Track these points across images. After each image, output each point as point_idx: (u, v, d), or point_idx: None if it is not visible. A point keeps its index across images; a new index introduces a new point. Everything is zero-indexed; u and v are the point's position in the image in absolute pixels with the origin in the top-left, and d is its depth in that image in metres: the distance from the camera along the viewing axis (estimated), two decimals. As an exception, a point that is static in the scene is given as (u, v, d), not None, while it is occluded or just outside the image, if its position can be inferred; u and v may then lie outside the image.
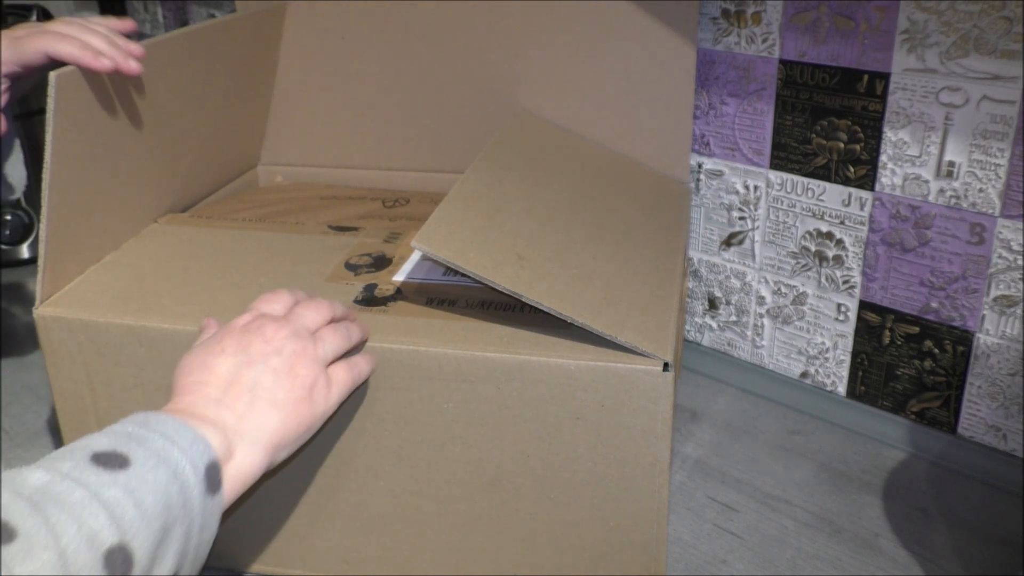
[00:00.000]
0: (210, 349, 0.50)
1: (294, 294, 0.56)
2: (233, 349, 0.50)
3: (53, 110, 0.58)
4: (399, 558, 0.61)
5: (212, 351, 0.50)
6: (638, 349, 0.53)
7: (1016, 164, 0.64)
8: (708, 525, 0.68)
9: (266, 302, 0.54)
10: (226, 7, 1.13)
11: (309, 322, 0.53)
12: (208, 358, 0.50)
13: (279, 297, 0.55)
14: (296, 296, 0.56)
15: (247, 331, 0.51)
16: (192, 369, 0.50)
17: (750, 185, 0.79)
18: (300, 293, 0.56)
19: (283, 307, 0.54)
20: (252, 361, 0.49)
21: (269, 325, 0.51)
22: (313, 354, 0.51)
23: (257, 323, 0.51)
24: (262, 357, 0.49)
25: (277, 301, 0.54)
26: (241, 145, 0.88)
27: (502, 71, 0.82)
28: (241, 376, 0.49)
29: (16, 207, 1.07)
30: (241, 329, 0.51)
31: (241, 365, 0.49)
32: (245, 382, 0.49)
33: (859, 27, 0.68)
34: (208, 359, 0.50)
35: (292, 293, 0.55)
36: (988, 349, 0.69)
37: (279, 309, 0.54)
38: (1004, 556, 0.64)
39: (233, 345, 0.50)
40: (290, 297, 0.55)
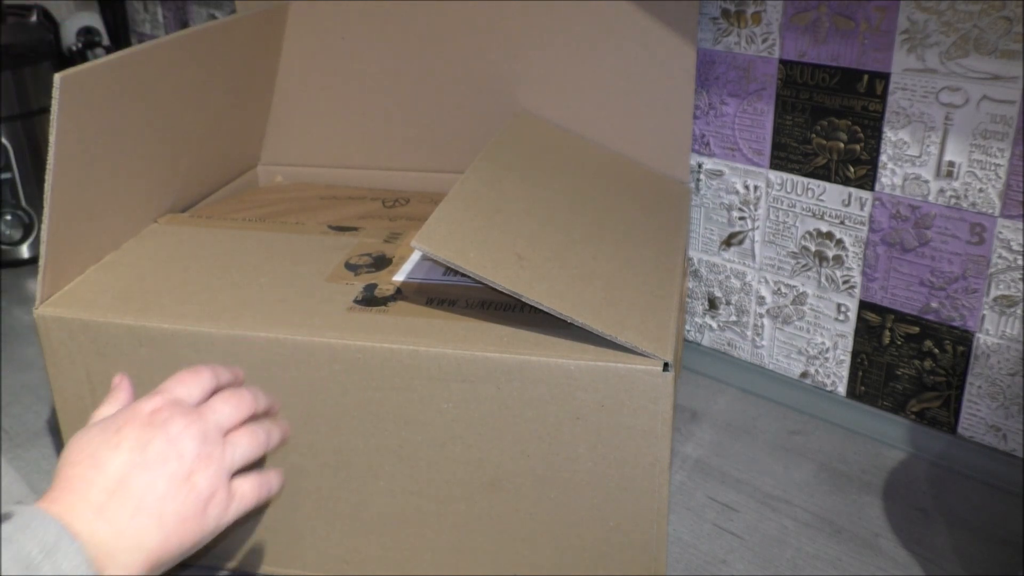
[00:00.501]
0: (106, 438, 0.45)
1: (216, 375, 0.50)
2: (131, 444, 0.44)
3: (57, 111, 0.58)
4: (399, 558, 0.61)
5: (108, 441, 0.44)
6: (638, 349, 0.53)
7: (1016, 164, 0.64)
8: (708, 525, 0.68)
9: (182, 383, 0.48)
10: (226, 7, 1.13)
11: (224, 419, 0.48)
12: (101, 449, 0.44)
13: (198, 379, 0.49)
14: (218, 378, 0.50)
15: (151, 424, 0.45)
16: (82, 457, 0.44)
17: (750, 185, 0.79)
18: (224, 374, 0.51)
19: (200, 392, 0.49)
20: (148, 463, 0.44)
21: (177, 420, 0.46)
22: (219, 462, 0.46)
23: (165, 414, 0.46)
24: (160, 460, 0.44)
25: (195, 384, 0.49)
26: (241, 145, 0.88)
27: (502, 71, 0.82)
28: (131, 480, 0.43)
29: (16, 207, 1.07)
30: (146, 419, 0.45)
31: (135, 466, 0.44)
32: (134, 488, 0.43)
33: (859, 27, 0.68)
34: (101, 451, 0.44)
35: (214, 374, 0.50)
36: (988, 349, 0.69)
37: (195, 395, 0.48)
38: (1004, 556, 0.64)
39: (132, 439, 0.44)
40: (210, 380, 0.49)
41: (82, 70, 0.60)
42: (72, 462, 0.44)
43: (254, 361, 0.57)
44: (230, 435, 0.48)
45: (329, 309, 0.59)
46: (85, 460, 0.44)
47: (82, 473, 0.43)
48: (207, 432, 0.46)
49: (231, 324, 0.58)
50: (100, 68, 0.62)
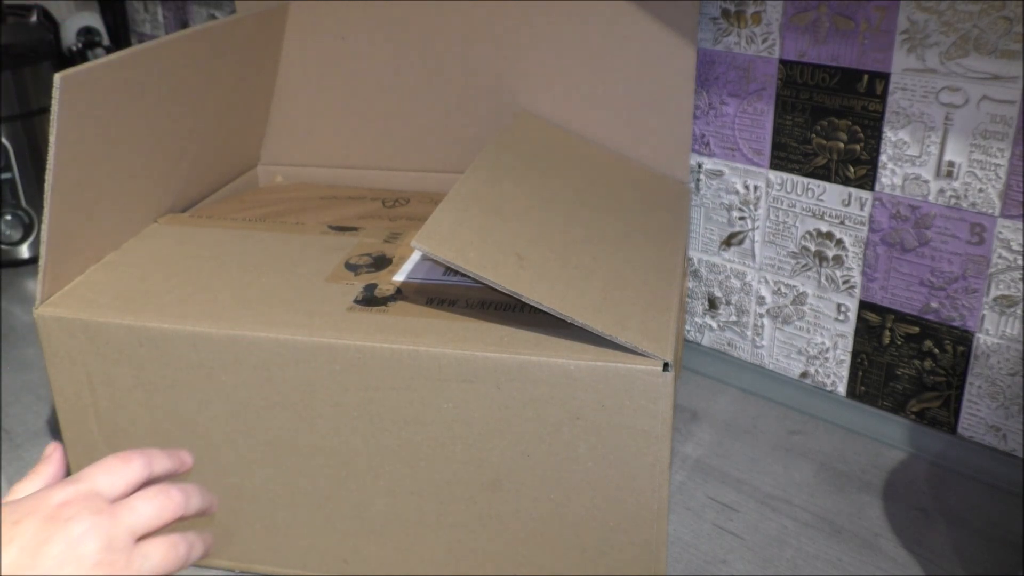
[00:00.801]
0: (3, 529, 0.39)
1: (149, 464, 0.44)
2: (25, 541, 0.39)
3: (57, 111, 0.58)
4: (399, 558, 0.61)
5: (3, 533, 0.39)
6: (638, 349, 0.53)
7: (1016, 164, 0.64)
8: (708, 525, 0.68)
9: (106, 472, 0.42)
10: (226, 7, 1.13)
11: (140, 522, 0.42)
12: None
13: (126, 468, 0.43)
14: (152, 467, 0.44)
15: (54, 519, 0.40)
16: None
17: (750, 185, 0.79)
18: (162, 463, 0.45)
19: (124, 484, 0.43)
20: (37, 567, 0.38)
21: (83, 519, 0.40)
22: (124, 572, 0.40)
23: (72, 509, 0.40)
24: (54, 565, 0.39)
25: (121, 474, 0.43)
26: (241, 145, 0.88)
27: (502, 71, 0.82)
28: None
29: (16, 207, 1.07)
30: (50, 513, 0.40)
31: (22, 569, 0.38)
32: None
33: (859, 27, 0.68)
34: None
35: (147, 463, 0.44)
36: (988, 349, 0.69)
37: (118, 487, 0.42)
38: (1004, 556, 0.64)
39: (28, 535, 0.39)
40: (141, 470, 0.43)
41: (82, 70, 0.60)
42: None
43: (254, 361, 0.57)
44: (143, 543, 0.42)
45: (329, 309, 0.59)
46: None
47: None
48: (114, 537, 0.40)
49: (231, 324, 0.58)
50: (100, 68, 0.62)
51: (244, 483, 0.61)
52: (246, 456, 0.60)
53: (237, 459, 0.61)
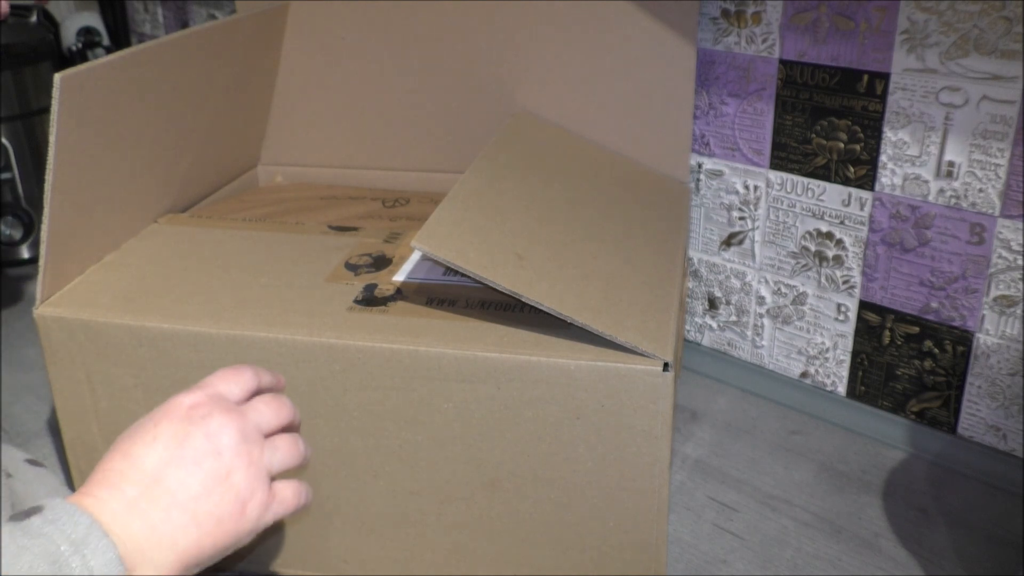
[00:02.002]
0: (142, 433, 0.43)
1: (258, 376, 0.47)
2: (167, 439, 0.42)
3: (57, 111, 0.58)
4: (399, 558, 0.61)
5: (144, 436, 0.43)
6: (638, 349, 0.53)
7: (1016, 164, 0.64)
8: (708, 525, 0.68)
9: (224, 380, 0.46)
10: (226, 7, 1.13)
11: (264, 421, 0.45)
12: (137, 444, 0.42)
13: (240, 377, 0.46)
14: (259, 378, 0.48)
15: (190, 419, 0.43)
16: (116, 455, 0.42)
17: (750, 185, 0.79)
18: (266, 376, 0.48)
19: (241, 391, 0.46)
20: (184, 459, 0.42)
21: (216, 416, 0.43)
22: (258, 463, 0.44)
23: (204, 409, 0.44)
24: (197, 457, 0.42)
25: (237, 382, 0.46)
26: (241, 145, 0.88)
27: (502, 71, 0.82)
28: (166, 476, 0.42)
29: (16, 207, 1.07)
30: (184, 414, 0.43)
31: (170, 462, 0.42)
32: (169, 485, 0.41)
33: (859, 27, 0.68)
34: (136, 446, 0.42)
35: (256, 375, 0.47)
36: (988, 349, 0.69)
37: (236, 393, 0.46)
38: (1004, 556, 0.64)
39: (168, 434, 0.42)
40: (252, 379, 0.47)
41: (82, 70, 0.60)
42: (110, 456, 0.42)
43: (254, 361, 0.57)
44: (270, 439, 0.45)
45: (329, 309, 0.59)
46: (120, 455, 0.42)
47: (117, 467, 0.41)
48: (247, 431, 0.44)
49: (231, 324, 0.58)
50: (100, 68, 0.62)
51: (244, 483, 0.61)
52: (246, 456, 0.60)
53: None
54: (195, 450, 0.42)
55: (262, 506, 0.44)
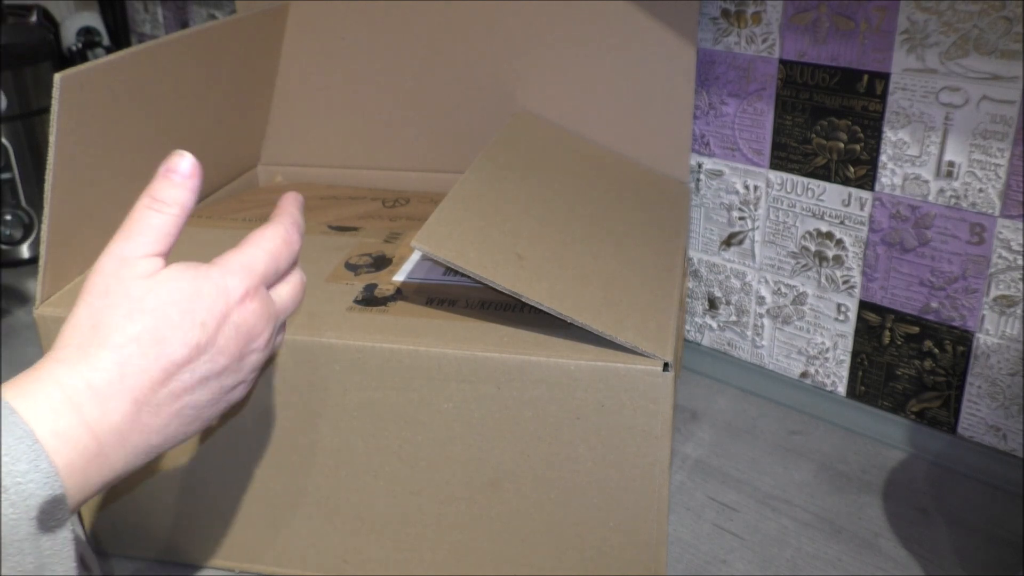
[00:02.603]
0: (188, 322, 0.39)
1: (300, 238, 0.46)
2: (206, 345, 0.40)
3: (57, 111, 0.58)
4: (399, 558, 0.61)
5: (187, 328, 0.39)
6: (638, 349, 0.53)
7: (1016, 164, 0.64)
8: (708, 525, 0.68)
9: (277, 259, 0.44)
10: (226, 7, 1.13)
11: (289, 310, 0.46)
12: (177, 332, 0.39)
13: (291, 253, 0.45)
14: (294, 255, 0.46)
15: (239, 329, 0.41)
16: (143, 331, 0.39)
17: (750, 185, 0.79)
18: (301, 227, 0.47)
19: (286, 268, 0.45)
20: (211, 376, 0.41)
21: (261, 337, 0.42)
22: (259, 375, 0.44)
23: (252, 320, 0.42)
24: (226, 378, 0.41)
25: (287, 260, 0.45)
26: (241, 145, 0.88)
27: (502, 71, 0.82)
28: (186, 391, 0.40)
29: (16, 207, 1.07)
30: (236, 320, 0.41)
31: (199, 378, 0.40)
32: (183, 399, 0.40)
33: (859, 27, 0.68)
34: (176, 334, 0.39)
35: (300, 237, 0.46)
36: (988, 349, 0.69)
37: (280, 272, 0.45)
38: (1004, 556, 0.64)
39: (209, 337, 0.40)
40: (297, 250, 0.46)
41: (82, 70, 0.60)
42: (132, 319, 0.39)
43: (254, 361, 0.57)
44: (275, 292, 0.45)
45: (329, 309, 0.59)
46: (148, 340, 0.39)
47: (141, 352, 0.38)
48: (274, 346, 0.44)
49: (231, 324, 0.58)
50: (100, 68, 0.62)
51: (244, 483, 0.61)
52: (245, 456, 0.60)
53: (236, 459, 0.61)
54: (231, 372, 0.41)
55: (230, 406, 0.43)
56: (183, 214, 0.42)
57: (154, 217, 0.42)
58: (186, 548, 0.65)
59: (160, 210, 0.42)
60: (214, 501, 0.62)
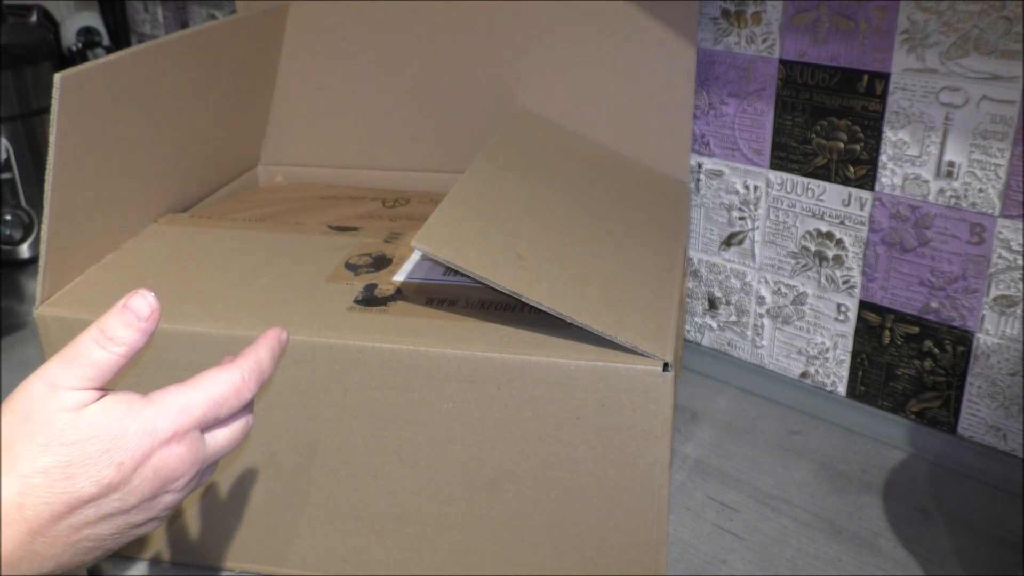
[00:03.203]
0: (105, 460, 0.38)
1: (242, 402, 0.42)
2: (118, 484, 0.38)
3: (57, 111, 0.58)
4: (399, 558, 0.61)
5: (102, 467, 0.38)
6: (638, 349, 0.53)
7: (1016, 164, 0.64)
8: (708, 525, 0.68)
9: (217, 405, 0.41)
10: (226, 7, 1.13)
11: (222, 452, 0.43)
12: (91, 470, 0.38)
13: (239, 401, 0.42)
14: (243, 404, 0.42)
15: (158, 473, 0.39)
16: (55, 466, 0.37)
17: (750, 185, 0.79)
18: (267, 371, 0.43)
19: (228, 415, 0.42)
20: (117, 513, 0.39)
21: (183, 479, 0.40)
22: (169, 515, 0.42)
23: (176, 463, 0.40)
24: (134, 515, 0.39)
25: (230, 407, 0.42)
26: (241, 145, 0.88)
27: (502, 71, 0.82)
28: (87, 524, 0.38)
29: (16, 207, 1.07)
30: (156, 462, 0.39)
31: (104, 514, 0.38)
32: (83, 532, 0.38)
33: (859, 27, 0.68)
34: (88, 471, 0.38)
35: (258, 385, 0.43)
36: (988, 349, 0.69)
37: (221, 417, 0.42)
38: (1004, 556, 0.64)
39: (123, 478, 0.38)
40: (249, 400, 0.43)
41: (82, 70, 0.60)
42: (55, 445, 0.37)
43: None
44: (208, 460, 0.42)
45: (329, 309, 0.59)
46: (59, 470, 0.37)
47: (44, 484, 0.37)
48: (193, 485, 0.42)
49: (231, 324, 0.58)
50: (100, 68, 0.62)
51: (244, 483, 0.61)
52: (246, 456, 0.60)
53: (236, 459, 0.61)
54: (140, 511, 0.40)
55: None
56: (129, 354, 0.40)
57: (97, 351, 0.40)
58: (186, 549, 0.65)
59: (105, 347, 0.40)
60: (214, 502, 0.62)
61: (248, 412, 0.44)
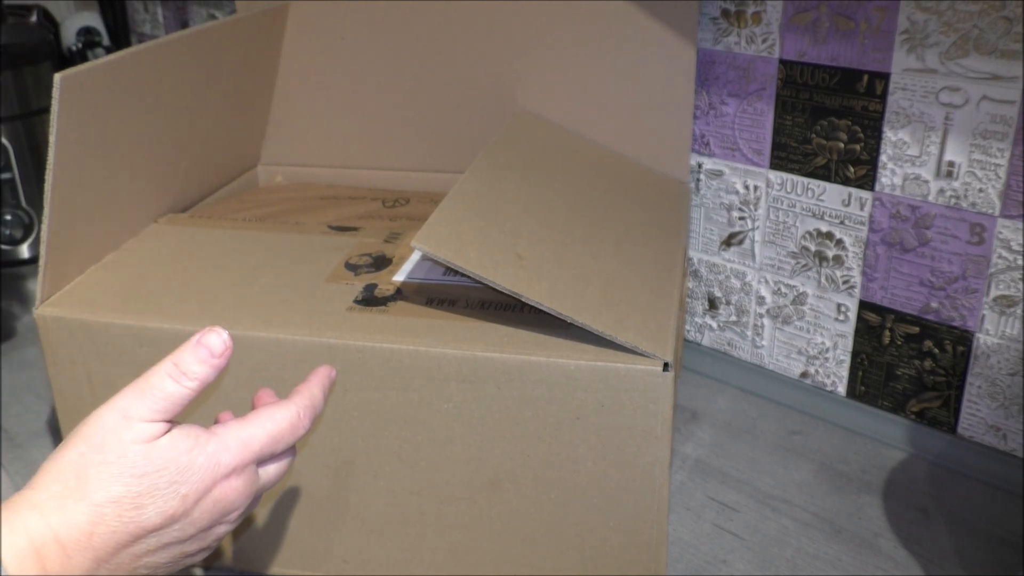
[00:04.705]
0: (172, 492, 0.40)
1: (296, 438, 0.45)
2: (181, 516, 0.40)
3: (57, 111, 0.58)
4: (399, 558, 0.61)
5: (168, 498, 0.40)
6: (638, 349, 0.53)
7: (1016, 164, 0.64)
8: (708, 525, 0.68)
9: (274, 442, 0.43)
10: (226, 7, 1.13)
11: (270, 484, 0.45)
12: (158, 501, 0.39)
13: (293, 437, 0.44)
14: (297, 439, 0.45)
15: (217, 504, 0.41)
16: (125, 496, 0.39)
17: (750, 185, 0.79)
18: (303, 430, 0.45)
19: (281, 450, 0.44)
20: (176, 543, 0.41)
21: (238, 511, 0.43)
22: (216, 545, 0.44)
23: (234, 496, 0.42)
24: (190, 544, 0.41)
25: (285, 443, 0.44)
26: (241, 145, 0.88)
27: (502, 71, 0.82)
28: (147, 553, 0.40)
29: (16, 207, 1.07)
30: (216, 495, 0.41)
31: (164, 543, 0.40)
32: (143, 560, 0.40)
33: (859, 27, 0.68)
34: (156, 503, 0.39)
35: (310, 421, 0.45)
36: (988, 349, 0.69)
37: (276, 452, 0.44)
38: (1004, 556, 0.64)
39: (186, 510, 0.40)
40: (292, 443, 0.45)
41: (82, 70, 0.60)
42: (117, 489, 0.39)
43: (254, 361, 0.57)
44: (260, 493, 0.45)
45: (329, 309, 0.59)
46: (129, 500, 0.39)
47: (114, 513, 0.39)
48: (243, 516, 0.44)
49: (231, 324, 0.58)
50: (100, 68, 0.62)
51: (244, 483, 0.61)
52: (246, 456, 0.60)
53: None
54: (196, 540, 0.42)
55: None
56: (200, 388, 0.42)
57: (171, 385, 0.41)
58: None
59: (179, 380, 0.41)
60: (214, 501, 0.62)
61: (292, 448, 0.46)
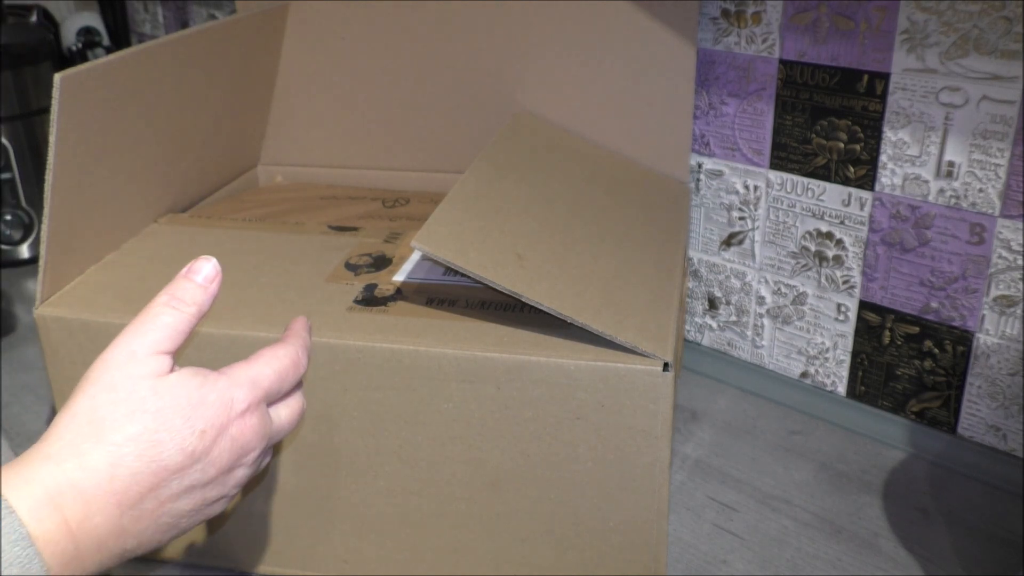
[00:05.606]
0: (188, 429, 0.40)
1: (307, 357, 0.47)
2: (201, 454, 0.40)
3: (57, 111, 0.58)
4: (399, 558, 0.61)
5: (186, 435, 0.39)
6: (638, 349, 0.53)
7: (1016, 164, 0.64)
8: (708, 525, 0.68)
9: (280, 379, 0.44)
10: (226, 7, 1.13)
11: (284, 431, 0.46)
12: (176, 438, 0.39)
13: (296, 374, 0.46)
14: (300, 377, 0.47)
15: (235, 442, 0.41)
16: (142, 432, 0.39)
17: (750, 185, 0.79)
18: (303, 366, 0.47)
19: (289, 388, 0.46)
20: (198, 486, 0.40)
21: (255, 453, 0.43)
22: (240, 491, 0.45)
23: (250, 434, 0.42)
24: (211, 489, 0.41)
25: (291, 381, 0.45)
26: (241, 145, 0.88)
27: (502, 71, 0.82)
28: (171, 498, 0.40)
29: (16, 207, 1.07)
30: (233, 432, 0.41)
31: (186, 487, 0.40)
32: (166, 506, 0.40)
33: (859, 27, 0.68)
34: (174, 439, 0.39)
35: (307, 357, 0.47)
36: (988, 349, 0.69)
37: (283, 391, 0.45)
38: (1004, 556, 0.64)
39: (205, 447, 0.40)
40: (303, 371, 0.47)
41: (82, 70, 0.60)
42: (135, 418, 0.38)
43: (254, 361, 0.57)
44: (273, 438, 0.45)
45: (329, 309, 0.59)
46: (146, 437, 0.38)
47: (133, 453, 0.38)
48: (261, 461, 0.44)
49: (231, 324, 0.58)
50: (100, 68, 0.62)
51: (244, 483, 0.61)
52: (246, 456, 0.60)
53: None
54: (216, 485, 0.41)
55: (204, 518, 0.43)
56: (198, 315, 0.43)
57: (169, 315, 0.42)
58: (185, 549, 0.65)
59: (177, 307, 0.42)
60: (214, 501, 0.62)
61: (300, 390, 0.47)
